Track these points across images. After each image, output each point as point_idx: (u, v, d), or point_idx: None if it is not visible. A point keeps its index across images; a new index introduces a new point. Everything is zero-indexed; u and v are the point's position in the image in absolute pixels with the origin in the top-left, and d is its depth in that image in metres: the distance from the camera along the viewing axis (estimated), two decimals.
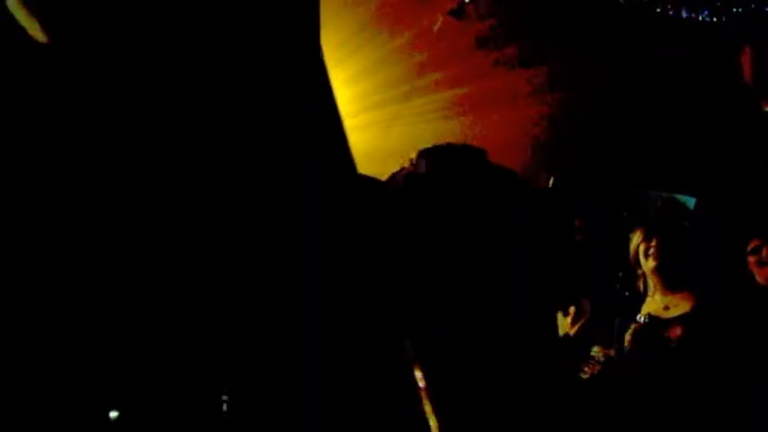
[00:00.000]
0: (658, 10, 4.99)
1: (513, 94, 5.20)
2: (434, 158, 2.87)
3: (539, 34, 5.19)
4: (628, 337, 3.24)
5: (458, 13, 5.12)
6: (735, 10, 4.84)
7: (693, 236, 3.41)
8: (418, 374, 2.27)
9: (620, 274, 3.56)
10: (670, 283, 3.31)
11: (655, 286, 3.35)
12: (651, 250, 3.34)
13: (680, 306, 3.25)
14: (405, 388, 2.29)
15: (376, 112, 5.04)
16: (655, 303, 3.33)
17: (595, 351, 3.38)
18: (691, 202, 3.93)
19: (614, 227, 3.84)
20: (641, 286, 3.42)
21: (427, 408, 2.27)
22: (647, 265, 3.35)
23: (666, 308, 3.27)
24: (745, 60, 4.32)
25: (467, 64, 5.15)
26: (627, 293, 3.48)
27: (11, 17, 2.54)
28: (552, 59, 5.22)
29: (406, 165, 3.00)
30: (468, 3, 5.12)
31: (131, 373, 2.45)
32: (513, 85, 5.21)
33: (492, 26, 5.22)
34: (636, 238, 3.45)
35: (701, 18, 4.95)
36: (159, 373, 2.48)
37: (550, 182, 4.74)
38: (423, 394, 2.29)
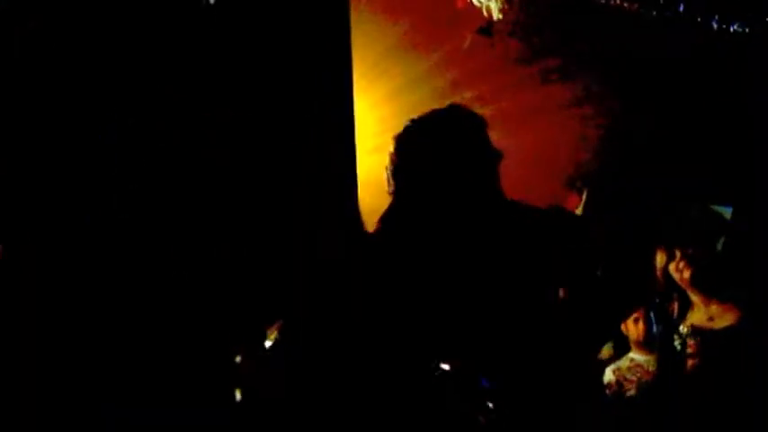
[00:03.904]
0: (695, 18, 4.98)
1: (545, 109, 5.20)
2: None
3: (570, 48, 5.20)
4: (672, 347, 3.19)
5: (487, 30, 5.14)
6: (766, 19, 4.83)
7: (729, 245, 3.37)
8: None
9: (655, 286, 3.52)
10: (710, 294, 3.27)
11: (695, 298, 3.32)
12: (681, 263, 3.31)
13: (725, 318, 3.21)
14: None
15: None
16: (698, 314, 3.29)
17: (644, 360, 3.32)
18: (728, 211, 3.90)
19: (648, 240, 3.80)
20: (675, 308, 3.38)
21: None
22: (682, 278, 3.31)
23: (711, 319, 3.23)
24: None
25: (498, 81, 5.15)
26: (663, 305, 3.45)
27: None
28: (583, 73, 5.22)
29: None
30: (497, 20, 5.14)
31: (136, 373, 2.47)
32: (544, 101, 5.20)
33: (522, 42, 5.24)
34: (659, 259, 3.41)
35: (732, 29, 4.94)
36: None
37: (584, 196, 4.74)
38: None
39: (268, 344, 2.47)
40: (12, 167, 2.60)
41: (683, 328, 3.25)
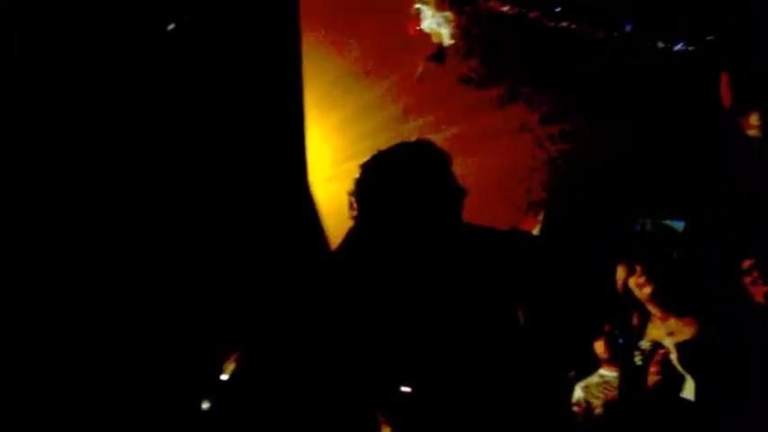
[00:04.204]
0: (636, 43, 5.06)
1: (499, 132, 5.24)
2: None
3: (521, 71, 5.25)
4: (634, 362, 3.22)
5: (438, 56, 5.18)
6: (708, 38, 4.93)
7: (684, 259, 3.41)
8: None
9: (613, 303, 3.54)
10: (669, 309, 3.30)
11: (654, 312, 3.35)
12: (641, 279, 3.34)
13: (684, 332, 3.24)
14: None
15: (362, 159, 5.06)
16: (657, 330, 3.32)
17: (613, 377, 3.33)
18: (680, 225, 3.95)
19: (608, 257, 3.83)
20: (637, 316, 3.40)
21: None
22: (642, 293, 3.34)
23: (671, 334, 3.26)
24: (724, 86, 4.38)
25: (451, 106, 5.19)
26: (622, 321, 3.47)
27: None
28: (536, 96, 5.27)
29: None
30: (447, 46, 5.18)
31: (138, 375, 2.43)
32: (498, 124, 5.25)
33: (473, 67, 5.28)
34: (619, 273, 3.44)
35: (676, 48, 5.03)
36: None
37: (540, 217, 4.77)
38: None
39: (225, 376, 2.44)
40: (12, 167, 2.56)
41: (643, 344, 3.27)
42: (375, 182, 2.62)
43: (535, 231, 4.83)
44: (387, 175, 2.62)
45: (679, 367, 3.14)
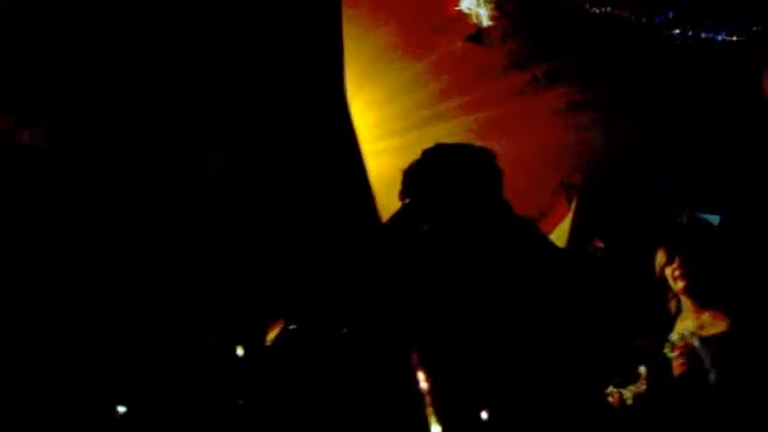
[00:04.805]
0: (677, 31, 5.01)
1: (535, 115, 5.22)
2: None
3: (560, 55, 5.21)
4: (663, 354, 3.21)
5: (477, 37, 5.16)
6: (754, 29, 4.87)
7: (720, 254, 3.38)
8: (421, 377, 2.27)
9: (647, 294, 3.53)
10: (702, 302, 3.29)
11: (687, 305, 3.33)
12: (677, 272, 3.33)
13: (715, 325, 3.22)
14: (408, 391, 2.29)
15: (398, 137, 5.08)
16: (689, 322, 3.30)
17: (644, 370, 3.33)
18: (715, 219, 3.93)
19: (638, 248, 3.82)
20: (673, 306, 3.39)
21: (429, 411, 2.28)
22: (676, 285, 3.33)
23: (702, 327, 3.25)
24: (766, 78, 4.34)
25: (488, 88, 5.17)
26: (656, 312, 3.46)
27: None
28: (574, 80, 5.24)
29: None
30: (487, 27, 5.16)
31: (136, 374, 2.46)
32: (534, 107, 5.22)
33: (512, 49, 5.25)
34: (659, 258, 3.43)
35: (719, 38, 4.97)
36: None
37: (573, 203, 4.76)
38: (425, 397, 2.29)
39: (268, 343, 2.48)
40: (10, 167, 2.59)
41: (673, 336, 3.26)
42: (434, 167, 2.71)
43: (569, 218, 4.84)
44: (446, 164, 2.70)
45: (706, 361, 3.13)
